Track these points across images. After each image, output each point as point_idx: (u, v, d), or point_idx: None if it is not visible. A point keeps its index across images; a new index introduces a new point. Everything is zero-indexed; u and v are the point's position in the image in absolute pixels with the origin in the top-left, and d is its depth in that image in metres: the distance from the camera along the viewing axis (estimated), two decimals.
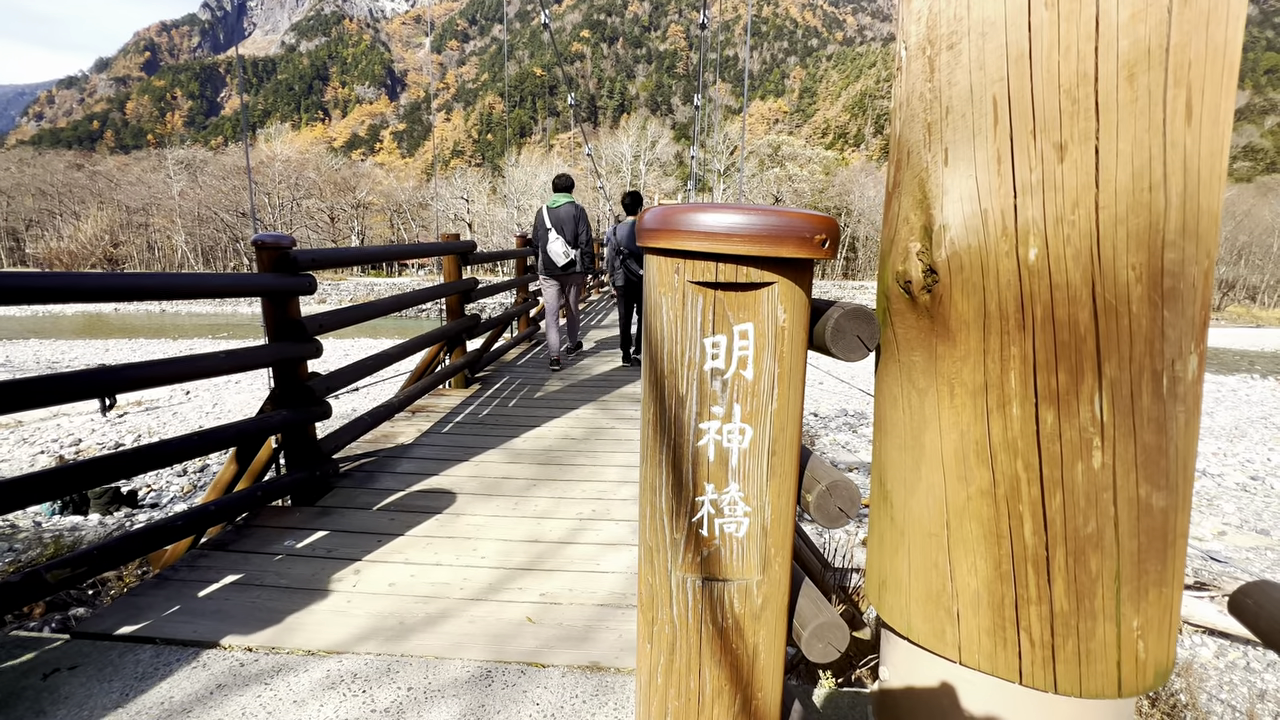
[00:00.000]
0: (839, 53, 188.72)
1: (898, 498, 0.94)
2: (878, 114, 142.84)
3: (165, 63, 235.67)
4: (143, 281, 1.95)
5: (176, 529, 1.94)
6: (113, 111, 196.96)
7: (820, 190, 63.50)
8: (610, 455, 3.12)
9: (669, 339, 0.85)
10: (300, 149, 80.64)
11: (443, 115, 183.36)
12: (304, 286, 2.36)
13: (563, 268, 4.84)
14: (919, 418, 0.88)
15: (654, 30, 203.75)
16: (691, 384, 0.85)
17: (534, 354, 5.77)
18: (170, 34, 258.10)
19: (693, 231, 0.80)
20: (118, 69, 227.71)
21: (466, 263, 4.24)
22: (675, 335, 0.85)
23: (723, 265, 0.81)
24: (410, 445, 3.24)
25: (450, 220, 65.86)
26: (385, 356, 3.16)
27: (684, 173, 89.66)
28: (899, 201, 0.90)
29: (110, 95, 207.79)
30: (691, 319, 0.84)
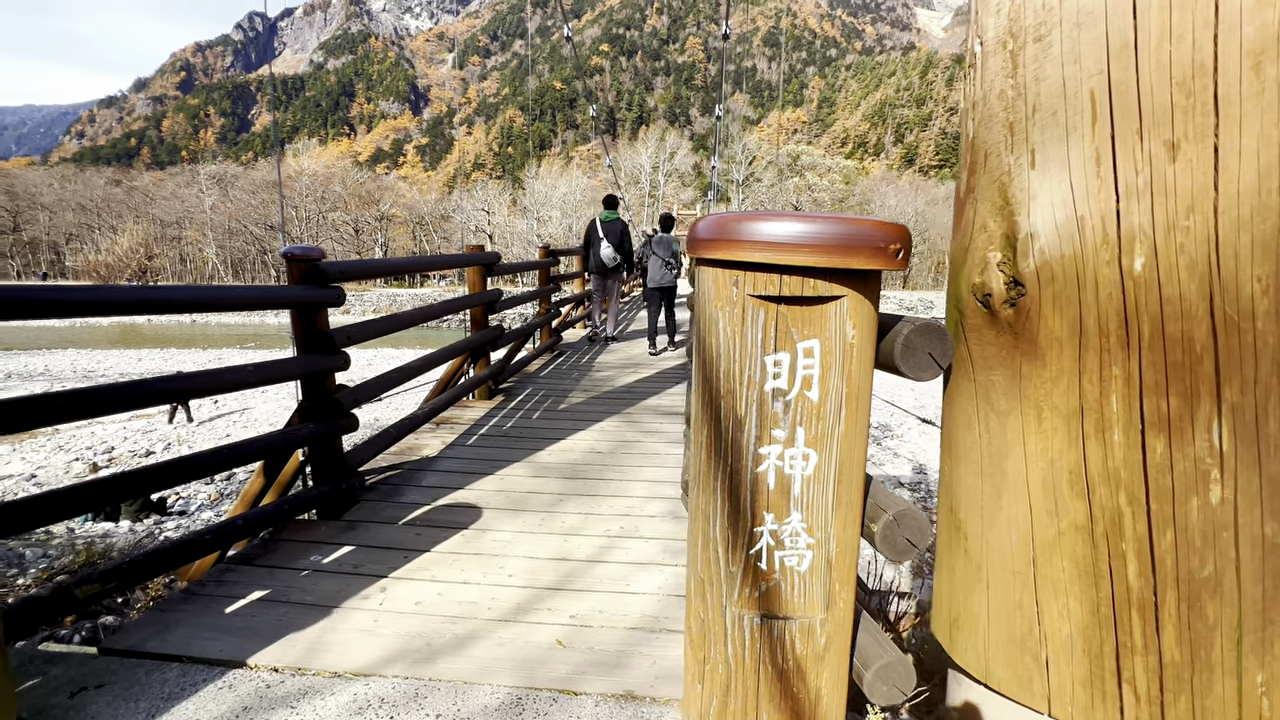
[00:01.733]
0: (858, 62, 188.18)
1: (973, 529, 0.86)
2: (898, 123, 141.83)
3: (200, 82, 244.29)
4: (172, 294, 1.95)
5: (204, 543, 1.93)
6: (149, 129, 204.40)
7: (840, 199, 63.12)
8: (638, 470, 3.06)
9: (726, 357, 0.79)
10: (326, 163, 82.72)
11: (464, 129, 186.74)
12: (333, 299, 2.35)
13: (610, 268, 6.37)
14: (999, 442, 0.80)
15: (672, 43, 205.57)
16: (751, 405, 0.79)
17: (556, 365, 5.75)
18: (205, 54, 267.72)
19: (754, 241, 0.74)
20: (155, 88, 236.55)
21: (491, 274, 4.24)
22: (733, 353, 0.79)
23: (787, 278, 0.75)
24: (435, 458, 3.21)
25: (471, 232, 66.82)
26: (411, 369, 3.15)
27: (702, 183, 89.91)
28: (974, 208, 0.84)
29: (147, 114, 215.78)
30: (752, 335, 0.78)
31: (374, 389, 2.77)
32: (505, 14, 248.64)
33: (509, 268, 4.57)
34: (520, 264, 5.25)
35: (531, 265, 5.62)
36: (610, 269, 6.43)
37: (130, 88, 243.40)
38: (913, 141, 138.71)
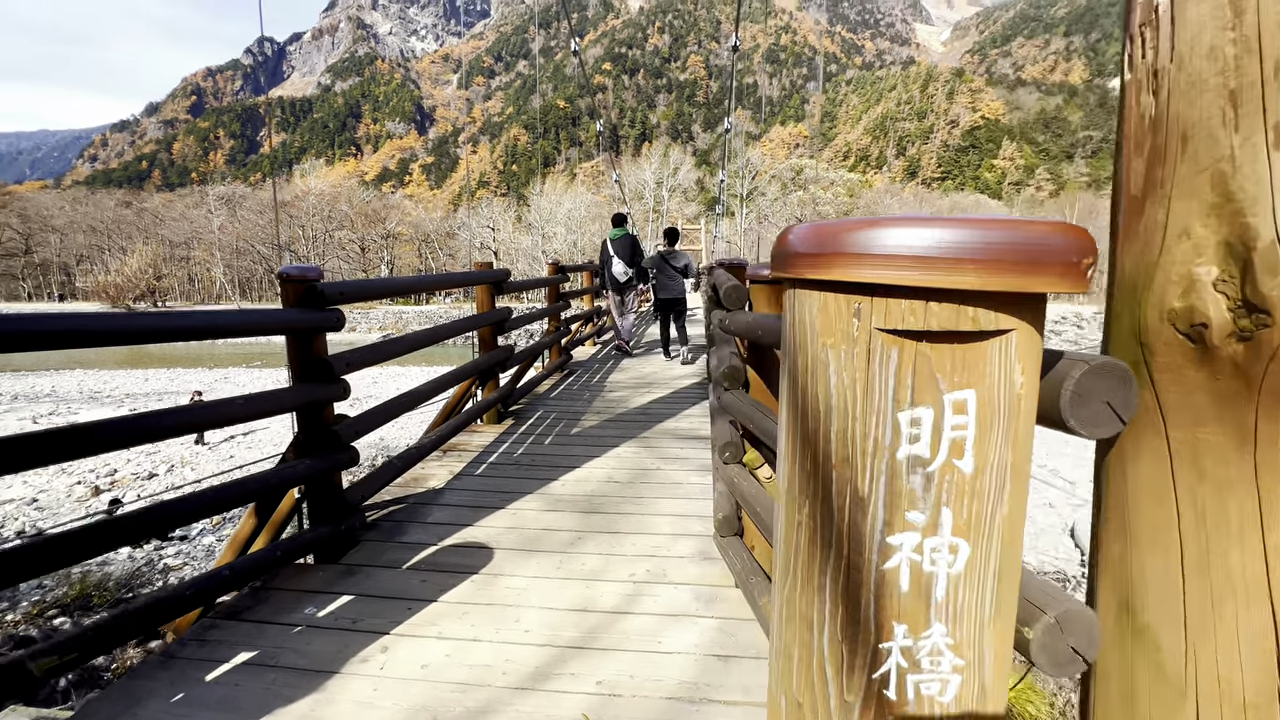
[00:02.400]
0: (858, 77, 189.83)
1: (1171, 639, 0.63)
2: (900, 136, 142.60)
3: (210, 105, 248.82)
4: (155, 323, 1.76)
5: (184, 600, 1.71)
6: (160, 152, 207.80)
7: (845, 212, 63.15)
8: (660, 503, 2.83)
9: (840, 413, 0.58)
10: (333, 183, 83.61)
11: (469, 148, 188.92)
12: (331, 322, 2.16)
13: (623, 283, 6.68)
14: (1219, 526, 0.60)
15: (674, 61, 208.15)
16: (877, 479, 0.58)
17: (567, 385, 5.54)
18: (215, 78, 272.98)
19: (887, 255, 0.53)
20: (166, 112, 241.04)
21: (500, 292, 4.06)
22: (851, 407, 0.57)
23: (935, 305, 0.54)
24: (441, 490, 3.00)
25: (476, 249, 67.14)
26: (415, 395, 2.95)
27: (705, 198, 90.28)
28: (1164, 209, 0.62)
29: (159, 137, 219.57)
30: (880, 384, 0.56)
31: (377, 418, 2.57)
32: (509, 35, 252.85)
33: (518, 285, 4.40)
34: (529, 281, 5.08)
35: (540, 282, 5.44)
36: (624, 284, 6.71)
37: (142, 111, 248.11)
38: (915, 154, 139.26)
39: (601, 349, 7.89)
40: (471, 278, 3.77)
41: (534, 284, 5.21)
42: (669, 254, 6.57)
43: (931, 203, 68.71)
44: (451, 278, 3.56)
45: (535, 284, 5.29)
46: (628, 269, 6.53)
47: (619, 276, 6.57)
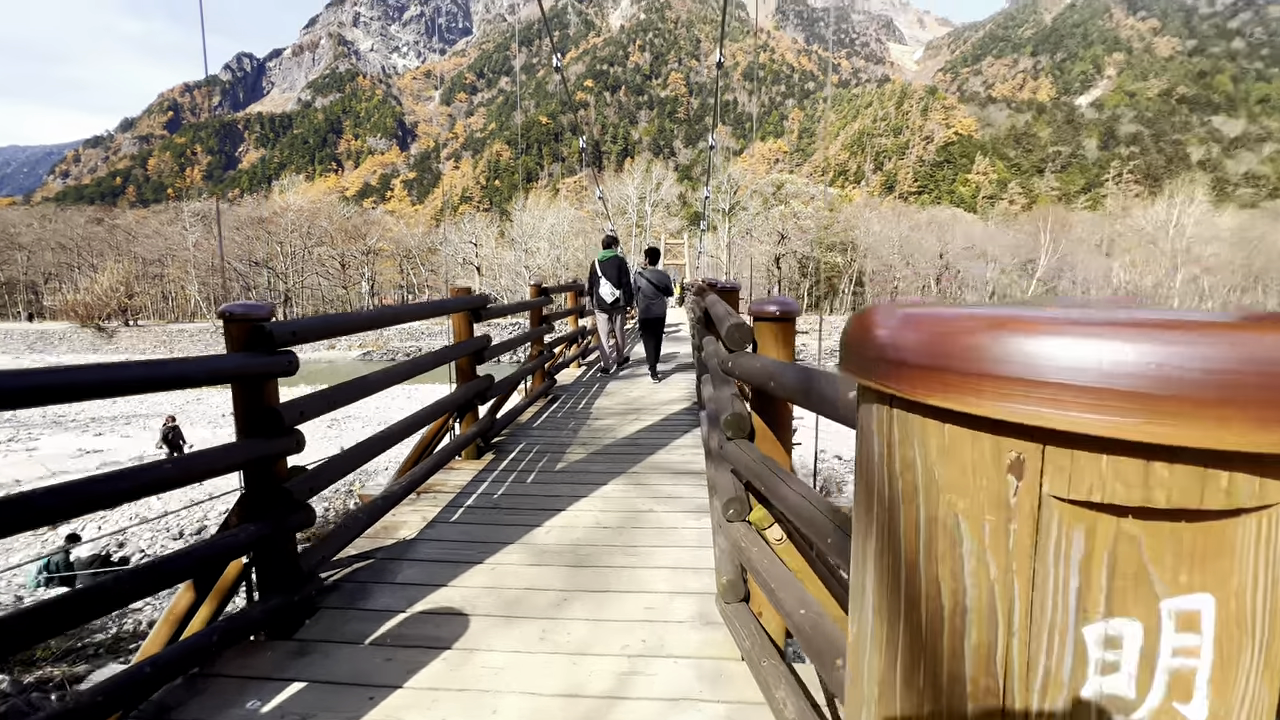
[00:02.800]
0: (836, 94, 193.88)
1: None
2: (877, 151, 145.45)
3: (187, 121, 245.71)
4: (75, 378, 1.50)
5: (96, 707, 1.44)
6: (135, 168, 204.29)
7: (825, 226, 63.85)
8: (654, 553, 2.60)
9: (981, 618, 0.35)
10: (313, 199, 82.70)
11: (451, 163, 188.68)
12: (281, 367, 1.91)
13: (611, 304, 6.71)
14: None
15: (655, 78, 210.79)
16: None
17: (551, 413, 5.29)
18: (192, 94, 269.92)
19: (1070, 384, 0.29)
20: (142, 128, 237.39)
21: (479, 319, 3.82)
22: (1001, 612, 0.35)
23: (1163, 467, 0.31)
24: (413, 541, 2.73)
25: (459, 264, 66.66)
26: (384, 438, 2.69)
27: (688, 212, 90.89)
28: None
29: (134, 153, 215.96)
30: (1056, 581, 0.35)
31: (337, 469, 2.32)
32: (491, 52, 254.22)
33: (498, 311, 4.16)
34: (511, 305, 4.84)
35: (522, 306, 5.21)
36: (611, 304, 6.77)
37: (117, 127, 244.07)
38: (891, 169, 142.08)
39: (587, 370, 7.66)
40: (447, 305, 3.53)
41: (515, 308, 4.98)
42: (650, 273, 6.77)
43: (910, 216, 69.82)
44: (424, 307, 3.31)
45: (517, 308, 5.06)
46: (615, 290, 6.60)
47: (607, 297, 6.64)
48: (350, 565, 2.50)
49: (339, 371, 31.46)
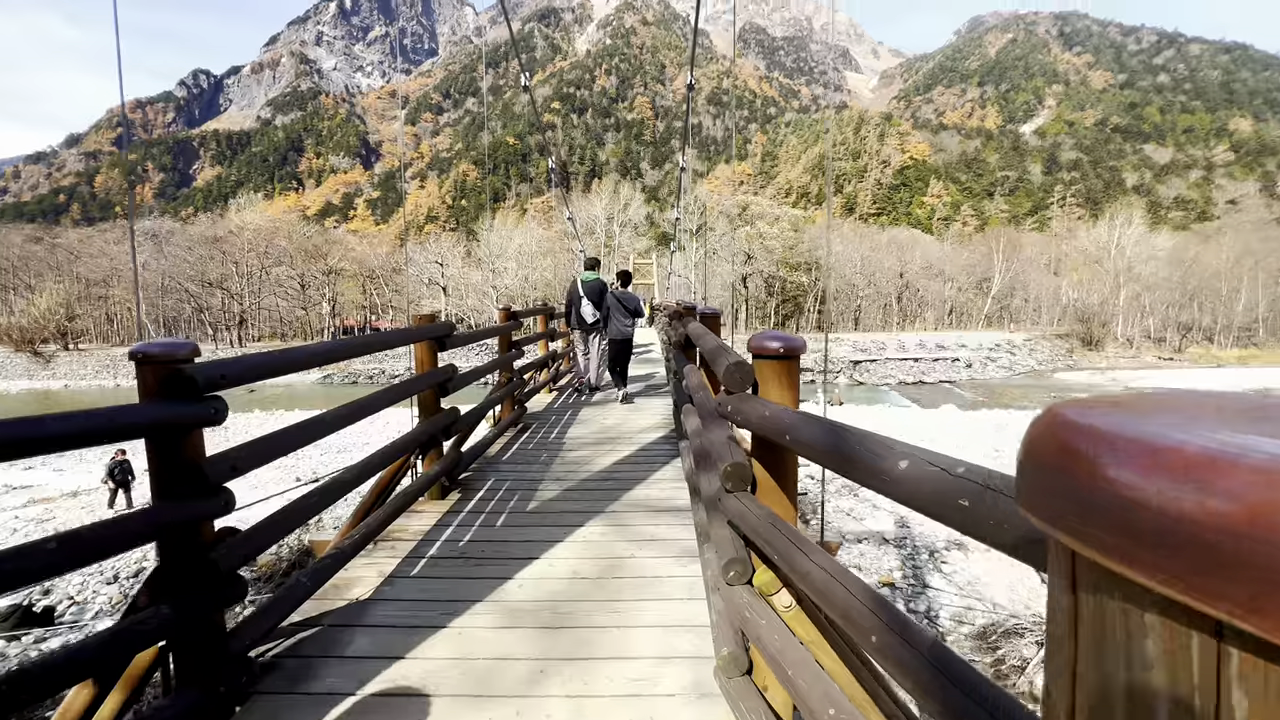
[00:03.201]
0: (796, 120, 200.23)
1: None
2: (837, 175, 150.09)
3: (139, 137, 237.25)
4: None
5: None
6: (80, 185, 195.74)
7: (790, 246, 65.17)
8: (639, 609, 2.35)
9: None
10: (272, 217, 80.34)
11: (417, 183, 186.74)
12: (205, 417, 1.63)
13: (591, 324, 6.86)
14: None
15: (621, 101, 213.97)
16: None
17: (522, 444, 5.00)
18: (145, 110, 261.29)
19: None
20: (89, 144, 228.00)
21: (444, 348, 3.55)
22: None
23: None
24: (368, 602, 2.43)
25: (425, 284, 65.48)
26: (335, 487, 2.40)
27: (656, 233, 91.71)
28: None
29: (79, 169, 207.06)
30: None
31: (276, 530, 2.02)
32: (458, 74, 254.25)
33: (465, 338, 3.90)
34: (478, 332, 4.56)
35: (491, 332, 4.94)
36: (591, 325, 6.90)
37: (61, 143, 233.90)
38: (851, 192, 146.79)
39: (558, 396, 7.40)
40: (408, 335, 3.26)
41: (482, 335, 4.70)
42: (622, 295, 6.95)
43: (870, 237, 71.93)
44: (383, 338, 3.03)
45: (484, 335, 4.78)
46: (595, 312, 6.77)
47: (587, 318, 6.81)
48: (293, 635, 2.18)
49: (296, 395, 30.22)
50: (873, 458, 0.87)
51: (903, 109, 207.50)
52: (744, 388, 1.55)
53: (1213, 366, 42.73)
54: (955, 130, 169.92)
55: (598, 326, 6.91)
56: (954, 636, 8.39)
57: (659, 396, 7.33)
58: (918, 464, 0.79)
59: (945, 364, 40.36)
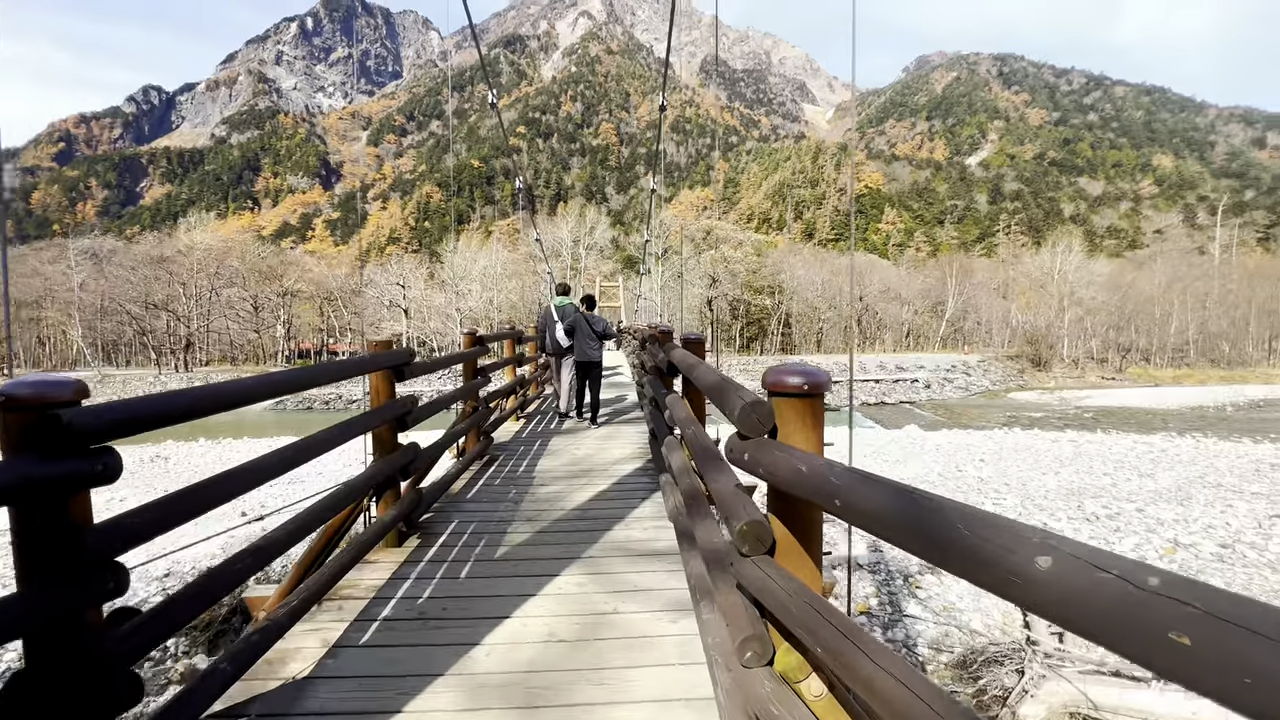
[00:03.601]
0: (757, 148, 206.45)
1: None
2: (796, 201, 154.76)
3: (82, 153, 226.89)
4: None
5: None
6: (15, 201, 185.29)
7: (754, 270, 66.35)
8: (628, 680, 2.05)
9: None
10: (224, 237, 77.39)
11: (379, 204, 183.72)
12: (88, 476, 1.29)
13: (565, 349, 6.92)
14: None
15: (587, 127, 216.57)
16: None
17: (488, 479, 4.64)
18: (89, 125, 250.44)
19: None
20: (26, 159, 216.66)
21: (402, 378, 3.22)
22: None
23: None
24: (307, 681, 2.06)
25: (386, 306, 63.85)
26: (272, 547, 2.04)
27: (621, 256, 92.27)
28: None
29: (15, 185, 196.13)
30: None
31: (196, 602, 1.66)
32: (422, 96, 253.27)
33: (425, 366, 3.57)
34: (440, 360, 4.22)
35: (454, 359, 4.60)
36: (564, 349, 6.98)
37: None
38: (810, 218, 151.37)
39: (527, 425, 7.04)
40: (364, 364, 2.92)
41: (446, 362, 4.36)
42: (589, 318, 6.99)
43: (830, 262, 73.95)
44: (331, 369, 2.68)
45: (447, 362, 4.44)
46: (568, 337, 6.87)
47: (561, 342, 6.87)
48: None
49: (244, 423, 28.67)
50: (985, 546, 0.63)
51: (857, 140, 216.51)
52: (762, 431, 1.32)
53: (1151, 385, 45.03)
54: (907, 161, 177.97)
55: (571, 351, 6.96)
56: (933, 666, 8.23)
57: (631, 424, 7.06)
58: (1071, 565, 0.56)
59: (905, 385, 41.36)
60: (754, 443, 1.34)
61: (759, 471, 1.29)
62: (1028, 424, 25.30)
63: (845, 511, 0.91)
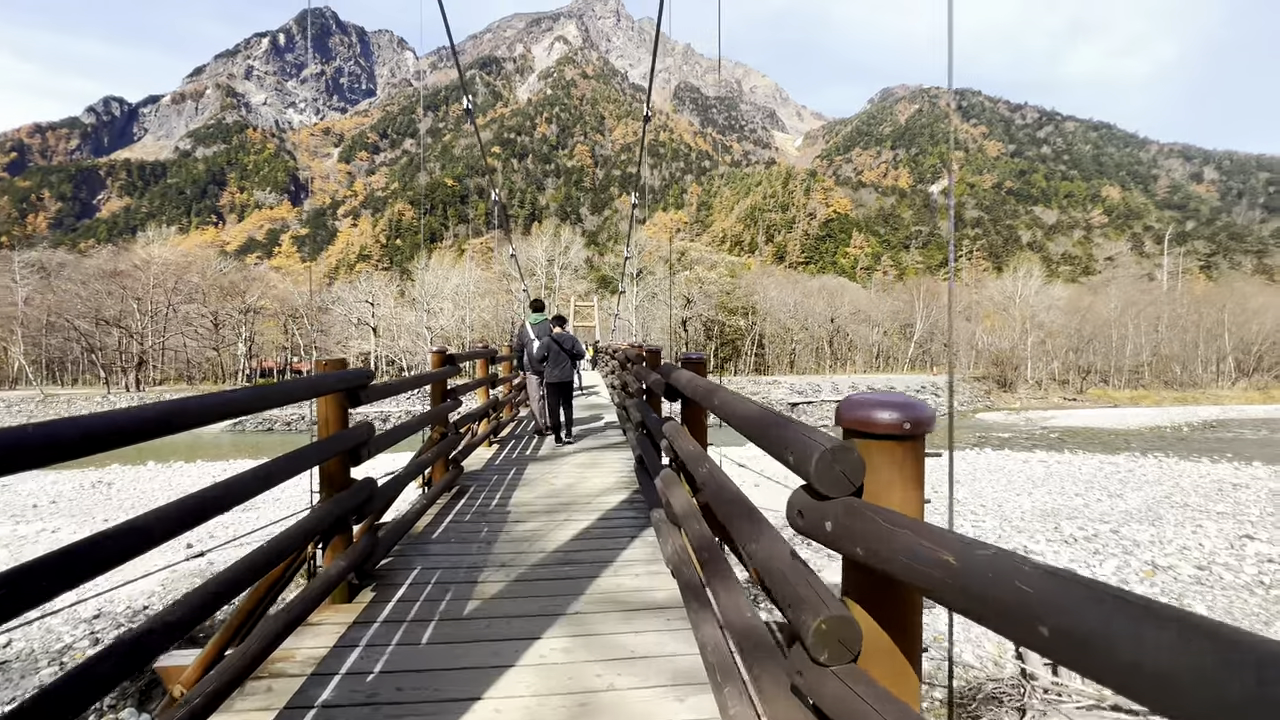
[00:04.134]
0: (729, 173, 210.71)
1: None
2: (767, 225, 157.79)
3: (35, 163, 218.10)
4: None
5: None
6: None
7: (728, 291, 66.87)
8: None
9: None
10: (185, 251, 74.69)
11: (349, 221, 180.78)
12: None
13: (539, 366, 6.91)
14: None
15: (562, 149, 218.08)
16: None
17: (456, 515, 4.16)
18: (45, 135, 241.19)
19: None
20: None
21: (358, 403, 2.77)
22: None
23: None
24: None
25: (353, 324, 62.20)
26: (184, 620, 1.56)
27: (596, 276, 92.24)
28: None
29: None
30: None
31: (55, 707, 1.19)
32: (396, 114, 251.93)
33: (385, 389, 3.12)
34: (404, 381, 3.74)
35: (420, 380, 4.13)
36: (539, 367, 6.99)
37: None
38: (781, 241, 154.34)
39: (500, 451, 6.55)
40: (312, 385, 2.46)
41: (410, 385, 3.89)
42: (560, 337, 7.01)
43: (803, 284, 75.14)
44: (272, 393, 2.21)
45: (413, 384, 3.97)
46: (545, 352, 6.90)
47: (538, 359, 6.92)
48: None
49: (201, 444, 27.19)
50: None
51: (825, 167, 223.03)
52: (849, 490, 0.94)
53: (1110, 406, 46.47)
54: (873, 188, 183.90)
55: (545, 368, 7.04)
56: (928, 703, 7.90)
57: (612, 449, 6.63)
58: None
59: None
60: (839, 506, 0.95)
61: (855, 552, 0.90)
62: (998, 444, 25.62)
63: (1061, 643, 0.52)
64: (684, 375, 2.40)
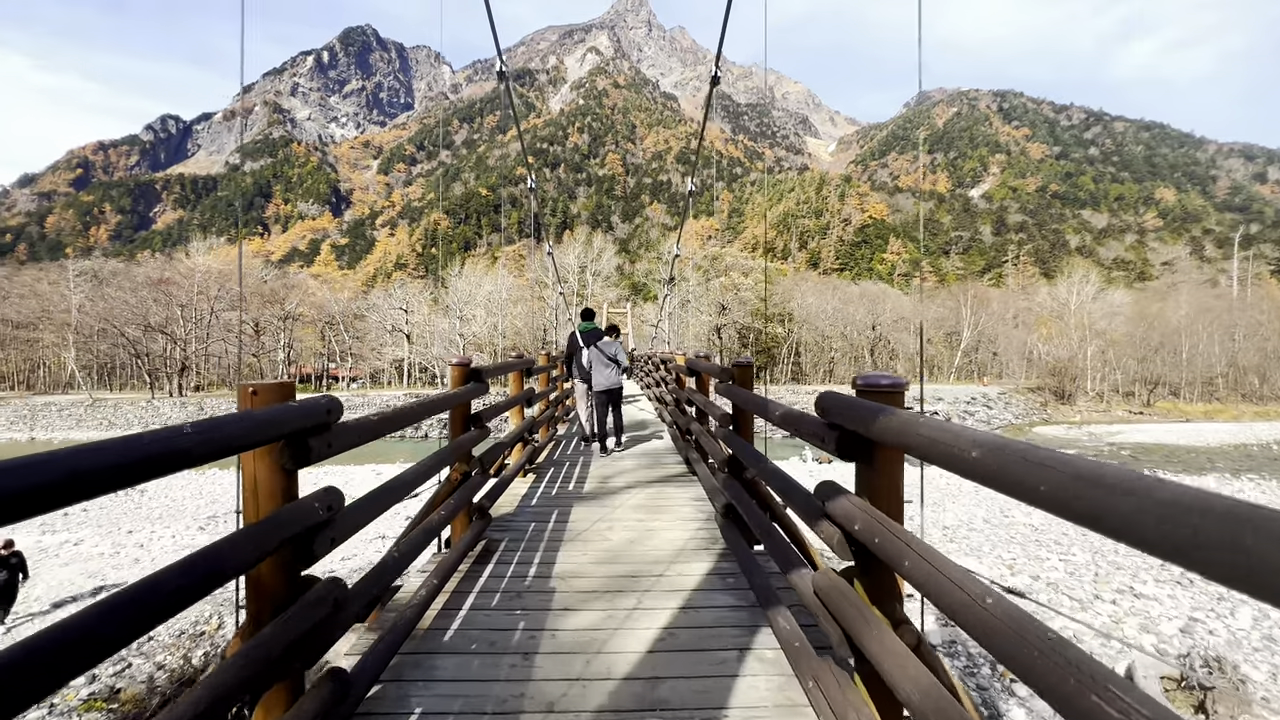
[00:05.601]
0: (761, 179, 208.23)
1: None
2: (801, 231, 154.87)
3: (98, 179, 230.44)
4: None
5: None
6: (30, 225, 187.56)
7: (761, 298, 65.12)
8: None
9: None
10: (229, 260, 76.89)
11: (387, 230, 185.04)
12: None
13: (588, 374, 7.00)
14: None
15: (593, 158, 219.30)
16: None
17: (480, 597, 3.00)
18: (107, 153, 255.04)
19: None
20: (44, 184, 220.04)
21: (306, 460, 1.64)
22: None
23: None
24: None
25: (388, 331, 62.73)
26: None
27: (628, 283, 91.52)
28: None
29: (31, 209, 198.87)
30: None
31: None
32: (432, 126, 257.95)
33: (360, 430, 1.99)
34: (409, 412, 2.61)
35: (433, 407, 2.99)
36: (588, 375, 7.01)
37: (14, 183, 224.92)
38: (815, 248, 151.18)
39: (537, 482, 5.40)
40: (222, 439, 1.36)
41: (416, 415, 2.75)
42: (608, 344, 6.96)
43: (842, 290, 72.80)
44: (186, 441, 1.06)
45: (421, 413, 2.83)
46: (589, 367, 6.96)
47: (588, 367, 6.94)
48: None
49: None
50: None
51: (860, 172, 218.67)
52: None
53: (1182, 421, 43.05)
54: (910, 192, 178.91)
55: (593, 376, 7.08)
56: None
57: (673, 483, 5.40)
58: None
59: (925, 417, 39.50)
60: None
61: None
62: None
63: None
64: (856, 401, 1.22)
